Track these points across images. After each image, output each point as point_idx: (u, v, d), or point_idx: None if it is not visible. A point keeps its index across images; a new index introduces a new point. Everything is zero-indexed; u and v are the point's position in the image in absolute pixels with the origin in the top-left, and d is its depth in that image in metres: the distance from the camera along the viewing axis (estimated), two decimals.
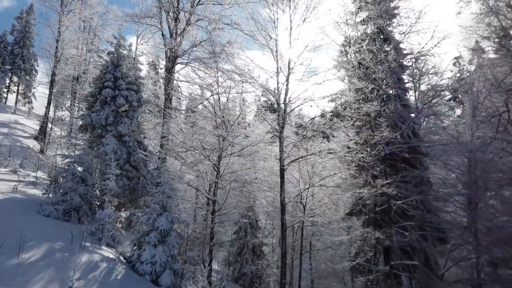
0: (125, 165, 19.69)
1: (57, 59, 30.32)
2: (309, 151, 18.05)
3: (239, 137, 18.88)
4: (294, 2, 18.27)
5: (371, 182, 16.19)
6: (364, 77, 17.66)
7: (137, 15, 24.87)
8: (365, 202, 16.94)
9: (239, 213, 22.70)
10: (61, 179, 17.21)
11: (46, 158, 26.03)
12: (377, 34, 21.64)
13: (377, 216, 17.30)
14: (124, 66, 21.38)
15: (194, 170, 21.10)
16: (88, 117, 19.80)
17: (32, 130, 33.87)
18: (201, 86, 20.93)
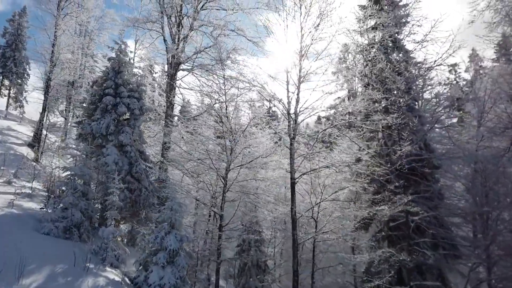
0: (126, 176, 18.75)
1: (52, 63, 29.30)
2: (320, 163, 17.33)
3: (247, 148, 18.04)
4: (306, 9, 17.57)
5: (391, 198, 15.48)
6: (382, 88, 16.99)
7: (138, 19, 24.03)
8: (380, 218, 16.20)
9: (243, 226, 21.93)
10: (57, 190, 16.36)
11: (41, 167, 24.99)
12: (386, 42, 21.06)
13: (392, 232, 16.59)
14: (125, 72, 20.51)
15: (197, 181, 20.30)
16: (88, 126, 18.87)
17: (26, 137, 32.73)
18: (208, 95, 20.00)
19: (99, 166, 17.83)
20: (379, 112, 16.04)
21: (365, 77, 19.48)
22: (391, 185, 17.15)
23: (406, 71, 18.18)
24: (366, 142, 19.08)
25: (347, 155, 17.49)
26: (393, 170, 16.65)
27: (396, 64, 17.59)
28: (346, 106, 17.50)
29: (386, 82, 17.01)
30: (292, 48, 18.01)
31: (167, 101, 23.47)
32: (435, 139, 20.84)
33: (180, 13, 23.82)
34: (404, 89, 18.34)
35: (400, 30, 21.20)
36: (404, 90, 17.62)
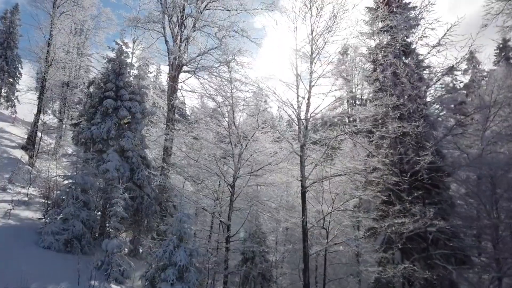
0: (128, 183, 17.89)
1: (48, 63, 28.27)
2: (332, 170, 16.66)
3: (255, 154, 17.29)
4: (317, 10, 16.90)
5: (410, 209, 14.82)
6: (399, 93, 16.35)
7: (139, 19, 23.17)
8: (400, 231, 15.44)
9: (247, 233, 21.18)
10: (57, 199, 15.53)
11: (37, 171, 24.02)
12: (396, 45, 20.44)
13: (407, 245, 15.90)
14: (126, 74, 19.71)
15: (201, 188, 19.54)
16: (88, 131, 18.03)
17: (20, 139, 31.64)
18: (213, 97, 19.23)
19: (99, 172, 17.00)
20: (396, 119, 15.40)
21: (376, 81, 18.85)
22: (404, 193, 16.55)
23: (417, 75, 17.55)
24: (376, 150, 18.42)
25: (357, 161, 16.80)
26: (406, 179, 16.02)
27: (410, 69, 16.93)
28: (360, 111, 16.77)
29: (403, 88, 16.35)
30: (303, 50, 17.34)
31: (169, 104, 22.65)
32: (444, 145, 20.31)
33: (182, 13, 23.02)
34: (418, 95, 17.75)
35: (409, 33, 20.60)
36: (418, 96, 16.98)
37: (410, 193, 16.61)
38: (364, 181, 16.51)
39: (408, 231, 14.14)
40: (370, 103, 17.41)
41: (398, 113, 15.32)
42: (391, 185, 16.13)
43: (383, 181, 15.89)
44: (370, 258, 18.07)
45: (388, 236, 18.16)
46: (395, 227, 14.36)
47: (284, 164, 17.18)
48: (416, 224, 13.89)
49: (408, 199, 15.18)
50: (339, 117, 16.77)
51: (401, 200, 16.69)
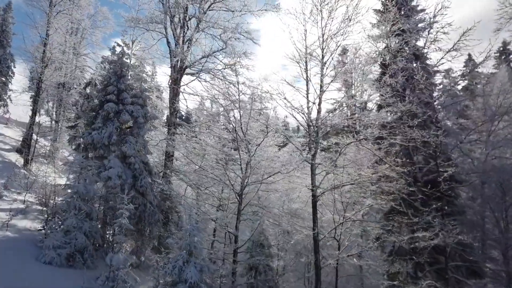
0: (130, 191, 17.13)
1: (44, 63, 27.37)
2: (343, 178, 16.03)
3: (263, 162, 16.63)
4: (328, 13, 16.27)
5: (429, 222, 14.26)
6: (418, 101, 15.79)
7: (141, 19, 22.37)
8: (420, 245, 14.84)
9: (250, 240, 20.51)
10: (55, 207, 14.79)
11: (34, 176, 23.17)
12: (404, 49, 19.90)
13: (422, 257, 15.34)
14: (128, 77, 18.98)
15: (206, 195, 18.90)
16: (88, 136, 17.27)
17: (14, 142, 30.74)
18: (217, 101, 18.53)
19: (101, 179, 16.26)
20: (414, 127, 14.82)
21: (387, 86, 18.20)
22: (417, 203, 16.03)
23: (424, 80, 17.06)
24: (386, 157, 17.84)
25: (369, 169, 16.18)
26: (425, 189, 15.48)
27: (427, 74, 16.40)
28: (373, 117, 16.13)
29: (419, 95, 15.81)
30: (313, 54, 16.71)
31: (171, 107, 21.94)
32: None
33: (186, 13, 22.30)
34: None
35: (420, 37, 20.09)
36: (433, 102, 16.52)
37: (425, 203, 16.11)
38: (379, 190, 15.88)
39: (430, 246, 13.50)
40: (382, 109, 16.78)
41: (417, 121, 14.69)
42: (404, 194, 15.56)
43: (397, 191, 15.27)
44: (378, 268, 17.52)
45: (398, 247, 17.65)
46: (418, 242, 13.72)
47: (293, 172, 16.53)
48: (438, 239, 13.27)
49: (425, 210, 14.63)
50: (351, 123, 16.05)
51: (415, 210, 16.19)
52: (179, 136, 21.54)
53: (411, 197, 15.53)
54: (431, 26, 17.40)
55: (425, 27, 19.64)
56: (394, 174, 15.45)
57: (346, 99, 20.59)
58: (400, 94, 17.11)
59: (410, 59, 18.94)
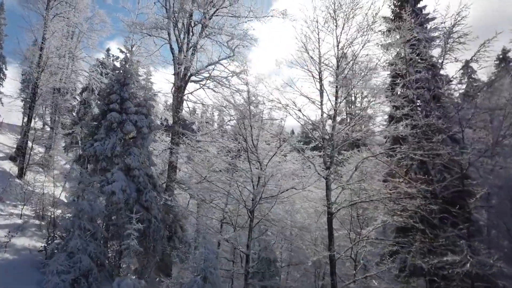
0: (134, 205, 16.30)
1: (40, 68, 26.37)
2: (359, 194, 15.33)
3: (276, 176, 15.86)
4: (343, 21, 15.63)
5: (454, 242, 13.63)
6: (442, 114, 15.19)
7: (143, 24, 21.56)
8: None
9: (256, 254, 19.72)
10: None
11: (29, 186, 22.17)
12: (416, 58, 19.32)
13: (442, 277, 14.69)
14: (132, 85, 18.13)
15: (212, 207, 18.12)
16: (91, 147, 16.39)
17: (7, 148, 29.62)
18: (224, 111, 17.74)
19: (104, 194, 15.37)
20: (439, 142, 14.19)
21: (399, 97, 17.55)
22: (436, 220, 15.44)
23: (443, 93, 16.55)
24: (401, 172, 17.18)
25: (388, 186, 15.49)
26: (440, 205, 14.86)
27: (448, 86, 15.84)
28: (390, 131, 15.42)
29: (441, 108, 15.22)
30: (328, 64, 16.06)
31: (174, 116, 21.11)
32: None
33: (190, 19, 21.52)
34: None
35: (432, 46, 19.56)
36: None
37: (444, 220, 15.52)
38: (396, 207, 15.17)
39: (462, 273, 12.78)
40: (400, 122, 16.09)
41: (442, 136, 14.07)
42: (423, 211, 14.90)
43: (415, 208, 14.59)
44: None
45: (414, 266, 17.00)
46: (450, 268, 13.01)
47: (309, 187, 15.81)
48: (469, 265, 12.58)
49: (445, 228, 14.01)
50: (368, 136, 15.44)
51: (433, 228, 15.59)
52: (183, 146, 20.82)
53: (430, 214, 14.90)
54: (449, 36, 16.80)
55: (439, 36, 19.16)
56: (413, 191, 14.79)
57: (344, 104, 19.94)
58: (415, 106, 16.55)
59: (426, 69, 18.40)
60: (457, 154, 16.38)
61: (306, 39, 16.13)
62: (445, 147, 14.09)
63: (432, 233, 14.84)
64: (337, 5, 15.66)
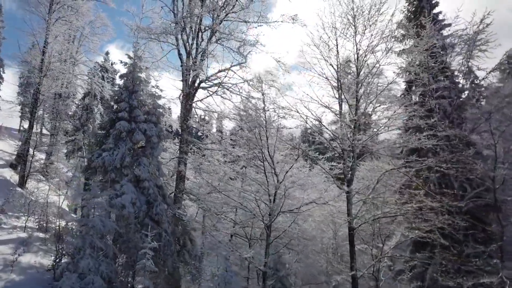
0: (144, 219, 15.59)
1: (42, 73, 25.58)
2: (381, 208, 14.65)
3: (293, 188, 15.21)
4: (365, 27, 15.01)
5: (490, 264, 13.00)
6: (472, 126, 14.59)
7: (150, 29, 20.83)
8: None
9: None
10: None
11: (29, 194, 21.41)
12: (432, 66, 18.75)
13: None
14: (140, 92, 17.42)
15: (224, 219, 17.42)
16: (99, 158, 15.63)
17: (7, 155, 28.77)
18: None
19: (113, 207, 14.60)
20: (470, 156, 13.60)
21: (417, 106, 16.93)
22: (460, 235, 14.83)
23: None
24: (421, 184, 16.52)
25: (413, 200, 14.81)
26: (466, 221, 14.27)
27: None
28: (411, 141, 14.73)
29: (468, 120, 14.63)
30: (347, 71, 15.46)
31: (183, 124, 20.37)
32: None
33: (199, 25, 20.85)
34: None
35: (452, 53, 19.02)
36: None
37: (468, 234, 14.92)
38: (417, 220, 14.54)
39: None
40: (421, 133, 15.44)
41: (473, 149, 13.45)
42: (448, 226, 14.26)
43: (440, 222, 13.94)
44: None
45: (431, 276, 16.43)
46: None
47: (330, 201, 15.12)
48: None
49: (477, 248, 13.37)
50: (390, 147, 14.78)
51: (456, 243, 15.01)
52: (191, 155, 20.17)
53: (455, 229, 14.29)
54: (474, 44, 16.26)
55: (459, 43, 18.61)
56: (437, 204, 14.14)
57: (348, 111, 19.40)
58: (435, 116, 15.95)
59: (446, 78, 17.86)
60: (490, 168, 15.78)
61: (323, 45, 15.58)
62: (477, 161, 13.42)
63: (456, 249, 14.26)
64: (358, 11, 15.07)
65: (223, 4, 20.67)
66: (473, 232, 15.53)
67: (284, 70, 20.31)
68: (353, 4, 15.22)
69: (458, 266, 14.18)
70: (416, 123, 14.86)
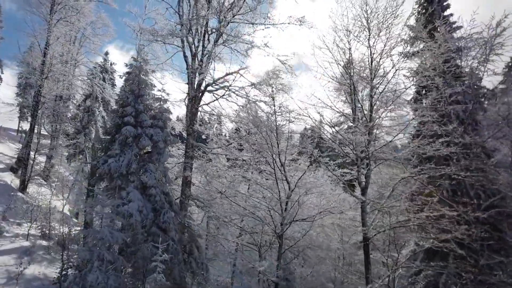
0: (151, 227, 15.12)
1: (44, 75, 25.05)
2: (397, 217, 14.20)
3: (307, 195, 14.74)
4: (379, 30, 14.58)
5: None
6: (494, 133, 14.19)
7: (155, 31, 20.36)
8: None
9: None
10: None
11: (30, 198, 20.92)
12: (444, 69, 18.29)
13: None
14: (146, 96, 16.97)
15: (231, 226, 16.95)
16: (105, 164, 15.16)
17: (7, 158, 28.22)
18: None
19: (120, 216, 14.11)
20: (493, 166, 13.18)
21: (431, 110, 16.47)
22: (476, 244, 14.38)
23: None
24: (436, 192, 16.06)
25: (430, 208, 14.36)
26: (485, 230, 13.83)
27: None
28: (427, 149, 14.25)
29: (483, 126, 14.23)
30: (361, 74, 15.03)
31: (188, 128, 19.90)
32: None
33: (206, 27, 20.39)
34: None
35: (461, 56, 18.57)
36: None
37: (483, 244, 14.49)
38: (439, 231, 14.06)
39: None
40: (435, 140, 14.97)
41: (496, 159, 13.03)
42: (464, 235, 13.80)
43: (460, 233, 13.48)
44: None
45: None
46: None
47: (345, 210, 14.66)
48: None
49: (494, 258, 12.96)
50: (405, 154, 14.33)
51: (473, 253, 14.58)
52: (198, 160, 19.72)
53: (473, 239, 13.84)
54: (491, 49, 15.83)
55: (473, 46, 18.16)
56: (454, 213, 13.70)
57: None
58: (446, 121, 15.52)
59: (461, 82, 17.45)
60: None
61: (336, 48, 15.20)
62: (500, 171, 13.01)
63: (473, 259, 13.84)
64: (372, 14, 14.64)
65: (230, 6, 20.22)
66: (489, 241, 15.07)
67: (290, 73, 19.96)
68: (367, 6, 14.80)
69: (475, 276, 13.74)
70: (431, 129, 14.39)
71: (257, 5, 20.26)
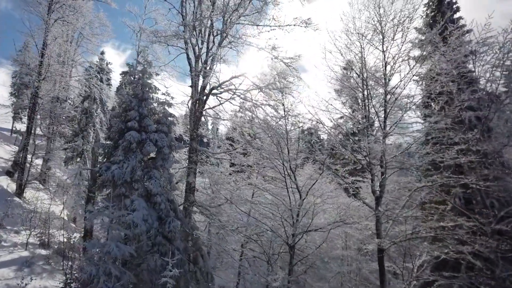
0: (156, 237, 14.53)
1: (41, 76, 24.32)
2: (414, 226, 13.76)
3: (318, 204, 14.22)
4: (393, 33, 14.12)
5: None
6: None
7: (158, 32, 19.75)
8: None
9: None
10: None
11: (27, 204, 20.23)
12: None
13: None
14: (150, 100, 16.37)
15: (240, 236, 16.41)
16: (108, 171, 14.54)
17: (3, 161, 27.42)
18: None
19: (123, 226, 13.51)
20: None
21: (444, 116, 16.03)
22: (492, 255, 13.93)
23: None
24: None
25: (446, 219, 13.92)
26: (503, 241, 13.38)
27: None
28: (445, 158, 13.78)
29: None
30: (373, 78, 14.55)
31: (192, 132, 19.31)
32: None
33: (211, 29, 19.80)
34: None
35: (474, 61, 18.13)
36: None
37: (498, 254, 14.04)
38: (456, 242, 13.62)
39: None
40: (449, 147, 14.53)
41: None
42: (483, 247, 13.35)
43: (479, 245, 13.02)
44: None
45: None
46: None
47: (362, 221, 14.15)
48: None
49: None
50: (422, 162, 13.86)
51: (492, 264, 14.13)
52: (202, 166, 19.15)
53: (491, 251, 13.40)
54: (507, 52, 15.39)
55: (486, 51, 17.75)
56: (471, 223, 13.27)
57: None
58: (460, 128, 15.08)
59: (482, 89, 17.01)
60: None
61: (348, 52, 14.72)
62: None
63: (489, 270, 13.41)
64: (386, 16, 14.19)
65: (235, 7, 19.66)
66: (508, 254, 14.64)
67: (296, 77, 19.46)
68: (380, 10, 14.35)
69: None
70: (448, 137, 13.95)
71: (264, 5, 19.72)
